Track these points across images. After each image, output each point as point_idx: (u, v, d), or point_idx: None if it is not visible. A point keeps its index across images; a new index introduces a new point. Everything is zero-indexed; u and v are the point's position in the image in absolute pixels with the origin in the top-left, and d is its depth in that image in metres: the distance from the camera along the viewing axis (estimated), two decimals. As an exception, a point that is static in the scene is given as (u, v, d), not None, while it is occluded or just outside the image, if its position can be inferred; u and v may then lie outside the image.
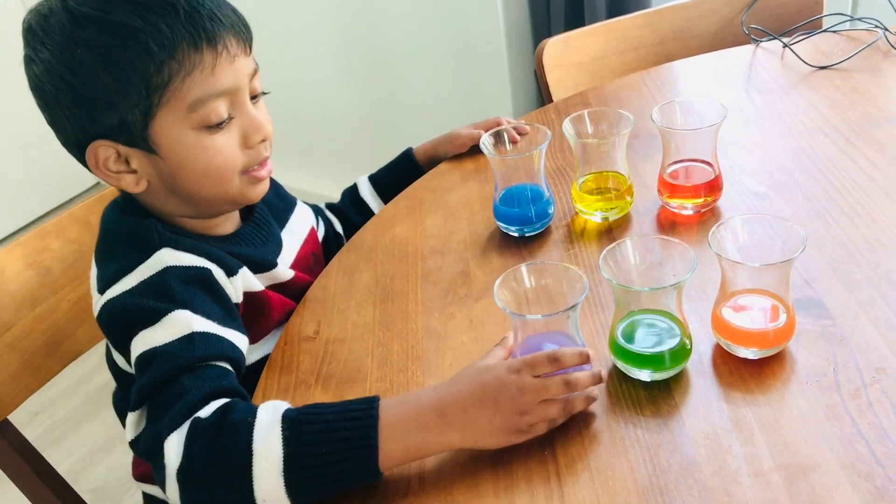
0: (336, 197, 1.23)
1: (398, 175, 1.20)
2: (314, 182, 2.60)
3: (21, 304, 1.07)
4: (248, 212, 0.98)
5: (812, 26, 1.37)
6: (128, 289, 0.81)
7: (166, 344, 0.77)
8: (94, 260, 0.90)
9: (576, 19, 1.83)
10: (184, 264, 0.83)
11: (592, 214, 1.00)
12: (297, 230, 1.05)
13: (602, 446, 0.73)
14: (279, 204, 1.05)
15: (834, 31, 1.34)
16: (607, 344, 0.80)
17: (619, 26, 1.42)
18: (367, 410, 0.69)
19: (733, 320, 0.77)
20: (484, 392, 0.71)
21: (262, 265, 0.93)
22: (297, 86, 2.46)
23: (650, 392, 0.77)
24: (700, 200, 0.97)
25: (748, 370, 0.77)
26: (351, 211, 1.20)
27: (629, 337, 0.78)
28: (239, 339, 0.83)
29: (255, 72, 0.86)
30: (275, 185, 1.05)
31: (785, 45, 1.31)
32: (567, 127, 0.97)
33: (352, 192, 1.21)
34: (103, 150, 0.82)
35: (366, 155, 2.49)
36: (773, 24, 1.40)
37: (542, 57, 1.35)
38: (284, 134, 2.71)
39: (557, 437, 0.74)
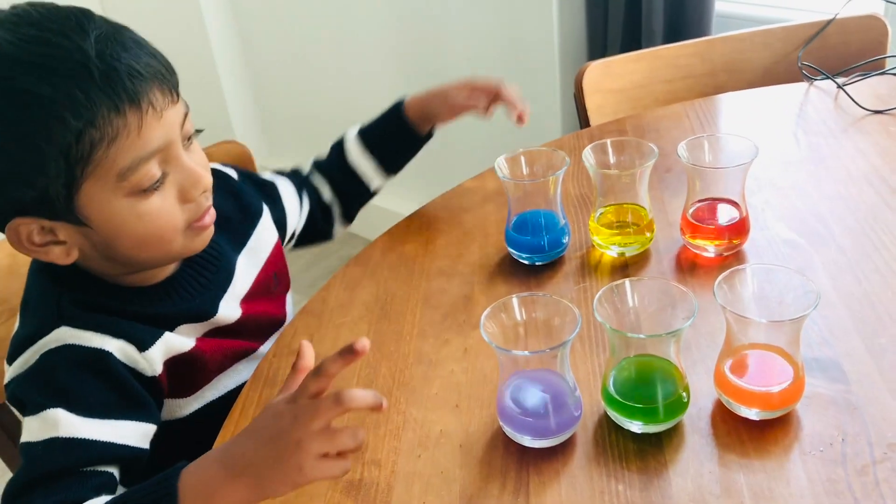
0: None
1: (386, 129, 1.09)
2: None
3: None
4: None
5: (873, 67, 1.30)
6: (22, 371, 0.78)
7: (34, 443, 0.74)
8: (21, 302, 0.86)
9: (632, 43, 1.78)
10: (81, 344, 0.77)
11: (609, 248, 0.96)
12: (259, 247, 0.96)
13: (579, 497, 0.68)
14: (239, 218, 0.95)
15: (894, 74, 1.27)
16: (600, 389, 0.75)
17: (666, 53, 1.37)
18: (162, 491, 0.66)
19: (736, 377, 0.72)
20: (262, 430, 0.65)
21: (198, 315, 0.86)
22: (351, 96, 2.46)
23: (640, 445, 0.72)
24: (723, 243, 0.92)
25: (748, 431, 0.72)
26: (339, 176, 1.10)
27: (622, 384, 0.73)
28: (129, 430, 0.77)
29: (186, 115, 0.78)
30: (239, 196, 0.96)
31: (838, 86, 1.24)
32: (587, 155, 0.93)
33: (339, 154, 1.10)
34: (24, 227, 0.74)
35: (414, 164, 2.47)
36: (832, 63, 1.33)
37: (581, 80, 1.30)
38: (333, 139, 2.72)
39: (533, 483, 0.70)
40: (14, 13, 0.71)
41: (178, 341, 0.84)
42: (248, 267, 0.94)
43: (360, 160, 1.09)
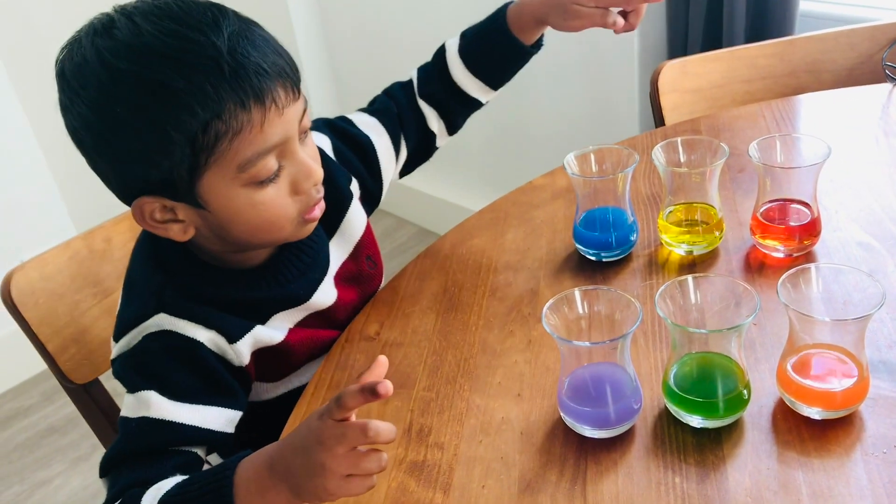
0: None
1: (491, 47, 1.03)
2: (442, 188, 2.63)
3: (123, 273, 1.13)
4: None
5: (961, 69, 1.26)
6: (125, 352, 0.83)
7: (129, 418, 0.80)
8: (125, 277, 0.91)
9: (713, 43, 1.76)
10: (177, 331, 0.82)
11: (677, 246, 0.96)
12: (350, 232, 0.98)
13: (636, 488, 0.69)
14: (332, 202, 0.93)
15: None
16: (661, 383, 0.76)
17: (745, 54, 1.36)
18: (219, 482, 0.69)
19: (798, 376, 0.72)
20: (300, 439, 0.67)
21: (294, 300, 0.90)
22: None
23: (698, 439, 0.73)
24: (794, 243, 0.91)
25: (809, 430, 0.72)
26: (445, 98, 1.06)
27: (683, 379, 0.74)
28: (215, 415, 0.82)
29: (304, 111, 0.81)
30: (330, 177, 0.92)
31: (923, 87, 1.21)
32: (657, 153, 0.94)
33: (442, 75, 1.05)
34: (148, 205, 0.79)
35: (494, 163, 2.50)
36: (919, 64, 1.29)
37: (657, 80, 1.30)
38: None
39: (591, 472, 0.71)
40: (157, 5, 0.76)
41: (268, 334, 0.87)
42: (339, 251, 0.97)
43: (467, 81, 1.05)
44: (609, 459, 0.73)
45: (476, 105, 1.08)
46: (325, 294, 0.93)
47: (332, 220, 0.96)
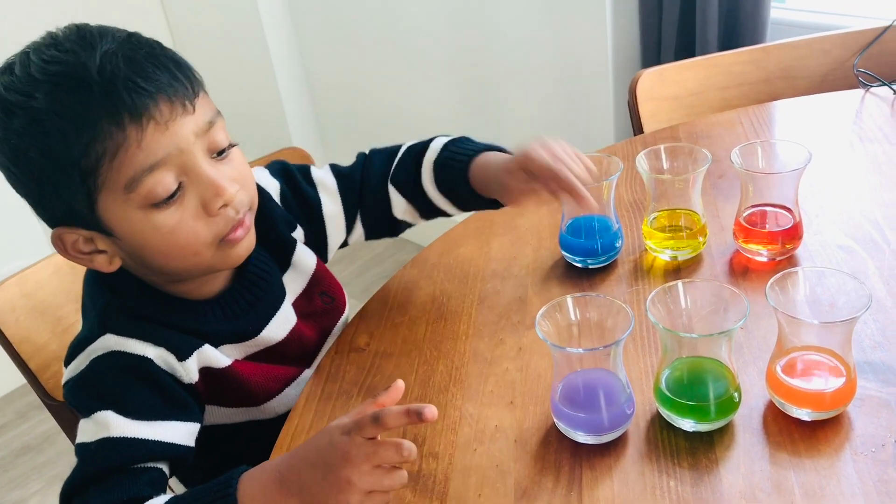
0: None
1: (457, 187, 0.98)
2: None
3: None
4: (242, 265, 0.88)
5: (931, 74, 1.29)
6: (74, 376, 0.82)
7: (87, 443, 0.77)
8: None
9: (686, 50, 1.79)
10: (125, 351, 0.80)
11: (662, 252, 0.97)
12: (303, 265, 0.96)
13: (631, 493, 0.70)
14: (277, 238, 0.94)
15: (954, 81, 1.26)
16: (652, 388, 0.77)
17: (721, 61, 1.38)
18: (222, 498, 0.69)
19: (787, 378, 0.73)
20: (317, 454, 0.68)
21: (242, 335, 0.88)
22: (406, 105, 2.50)
23: (691, 443, 0.74)
24: (776, 247, 0.93)
25: (799, 431, 0.73)
26: (419, 201, 1.01)
27: (674, 384, 0.75)
28: (175, 430, 0.81)
29: (210, 125, 0.77)
30: (273, 218, 0.94)
31: (895, 93, 1.23)
32: (640, 161, 0.95)
33: (416, 183, 1.00)
34: (67, 235, 0.78)
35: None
36: (890, 69, 1.32)
37: (635, 88, 1.32)
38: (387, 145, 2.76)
39: (586, 478, 0.72)
40: (49, 36, 0.76)
41: (215, 356, 0.85)
42: (294, 285, 0.95)
43: (436, 194, 1.00)
44: (603, 465, 0.73)
45: (447, 215, 1.03)
46: (276, 329, 0.91)
47: (282, 256, 0.95)
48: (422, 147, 1.02)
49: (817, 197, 1.04)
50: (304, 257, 0.97)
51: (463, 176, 0.96)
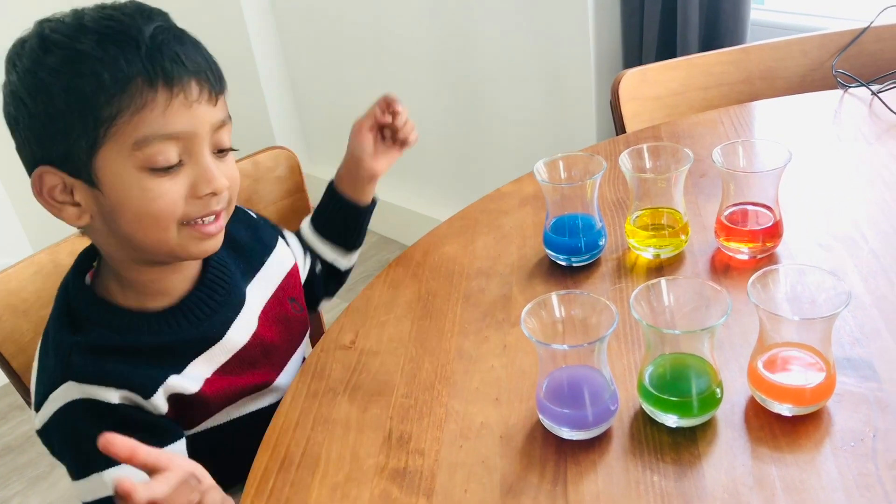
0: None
1: (330, 214, 1.11)
2: (402, 196, 2.64)
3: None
4: (203, 268, 0.91)
5: (908, 75, 1.31)
6: (47, 424, 0.83)
7: (94, 502, 0.81)
8: (41, 339, 0.90)
9: (668, 51, 1.81)
10: (91, 398, 0.81)
11: (644, 250, 0.98)
12: (271, 275, 0.99)
13: (615, 487, 0.71)
14: (254, 248, 0.98)
15: (931, 82, 1.28)
16: (636, 384, 0.78)
17: (702, 62, 1.39)
18: None
19: (768, 374, 0.74)
20: None
21: (208, 340, 0.89)
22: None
23: (674, 438, 0.75)
24: (757, 245, 0.94)
25: (780, 427, 0.74)
26: (312, 260, 1.11)
27: (657, 380, 0.76)
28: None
29: (223, 124, 0.82)
30: (254, 226, 1.01)
31: (873, 93, 1.25)
32: (624, 160, 0.96)
33: (304, 244, 1.12)
34: (49, 177, 0.80)
35: (453, 171, 2.51)
36: (868, 70, 1.34)
37: (618, 88, 1.33)
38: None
39: (571, 473, 0.73)
40: (107, 3, 0.81)
41: (182, 384, 0.86)
42: (258, 292, 0.96)
43: (321, 247, 1.11)
44: (588, 460, 0.74)
45: (338, 272, 1.14)
46: (240, 332, 0.92)
47: (255, 262, 0.98)
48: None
49: (797, 196, 1.05)
50: (279, 260, 1.01)
51: (333, 195, 1.09)
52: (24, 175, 0.82)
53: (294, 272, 1.03)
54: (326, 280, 1.13)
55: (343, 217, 1.10)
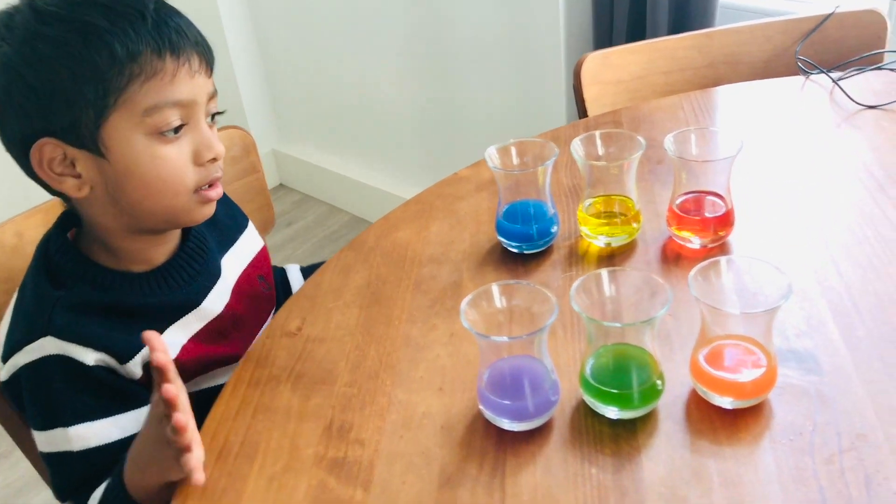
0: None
1: None
2: (374, 176, 2.62)
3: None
4: (182, 239, 0.94)
5: (869, 62, 1.30)
6: (15, 374, 0.84)
7: (50, 454, 0.83)
8: (17, 290, 0.90)
9: (638, 34, 1.79)
10: (65, 355, 0.82)
11: (596, 238, 0.97)
12: (244, 251, 1.03)
13: (553, 480, 0.70)
14: (228, 224, 1.03)
15: (892, 69, 1.27)
16: (578, 375, 0.77)
17: (665, 46, 1.38)
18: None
19: (710, 367, 0.74)
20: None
21: (185, 305, 0.91)
22: (360, 83, 2.48)
23: (614, 430, 0.74)
24: (708, 235, 0.94)
25: (721, 420, 0.74)
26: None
27: (599, 371, 0.75)
28: (132, 419, 0.84)
29: (213, 95, 0.86)
30: (228, 204, 1.05)
31: (833, 81, 1.25)
32: (576, 147, 0.95)
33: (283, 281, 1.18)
34: (50, 148, 0.80)
35: (425, 151, 2.49)
36: (831, 56, 1.34)
37: (580, 71, 1.32)
38: (342, 124, 2.73)
39: (510, 465, 0.72)
40: None
41: None
42: (232, 266, 1.00)
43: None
44: (527, 452, 0.73)
45: None
46: (215, 301, 0.95)
47: (229, 237, 1.02)
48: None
49: (752, 185, 1.05)
50: (250, 240, 1.05)
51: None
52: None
53: (264, 252, 1.06)
54: None
55: None
